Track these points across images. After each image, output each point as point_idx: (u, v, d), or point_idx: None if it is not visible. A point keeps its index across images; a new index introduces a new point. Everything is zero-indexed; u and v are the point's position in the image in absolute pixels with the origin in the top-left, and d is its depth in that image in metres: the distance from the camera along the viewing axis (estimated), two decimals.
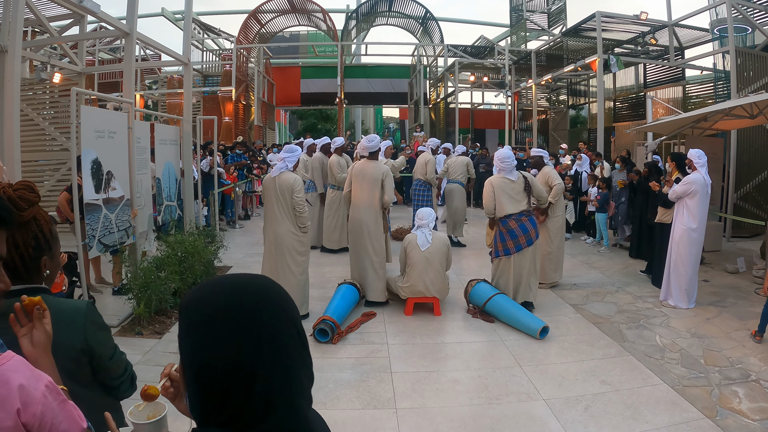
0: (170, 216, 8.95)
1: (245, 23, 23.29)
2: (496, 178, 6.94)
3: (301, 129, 38.67)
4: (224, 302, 1.02)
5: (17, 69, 6.24)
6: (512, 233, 6.76)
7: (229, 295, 1.03)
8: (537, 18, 23.11)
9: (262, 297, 1.04)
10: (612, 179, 10.91)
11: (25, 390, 1.22)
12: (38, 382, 1.27)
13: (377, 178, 7.01)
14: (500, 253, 6.87)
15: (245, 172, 14.61)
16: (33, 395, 1.23)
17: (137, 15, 7.69)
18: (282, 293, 1.09)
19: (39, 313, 1.58)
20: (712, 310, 6.95)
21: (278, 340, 1.02)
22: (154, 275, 6.32)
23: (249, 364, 0.98)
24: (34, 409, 1.23)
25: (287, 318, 1.05)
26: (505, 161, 6.92)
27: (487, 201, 6.92)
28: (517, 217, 6.79)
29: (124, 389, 2.09)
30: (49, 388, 1.30)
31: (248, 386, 0.98)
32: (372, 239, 7.05)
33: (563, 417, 4.29)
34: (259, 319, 1.01)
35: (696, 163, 6.99)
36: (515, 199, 6.82)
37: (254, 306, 1.02)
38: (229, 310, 1.01)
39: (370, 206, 7.05)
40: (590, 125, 19.58)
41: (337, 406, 4.48)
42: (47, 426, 1.26)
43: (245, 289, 1.05)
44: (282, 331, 1.03)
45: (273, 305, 1.04)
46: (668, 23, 14.44)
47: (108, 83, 18.15)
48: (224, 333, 1.00)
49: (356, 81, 26.76)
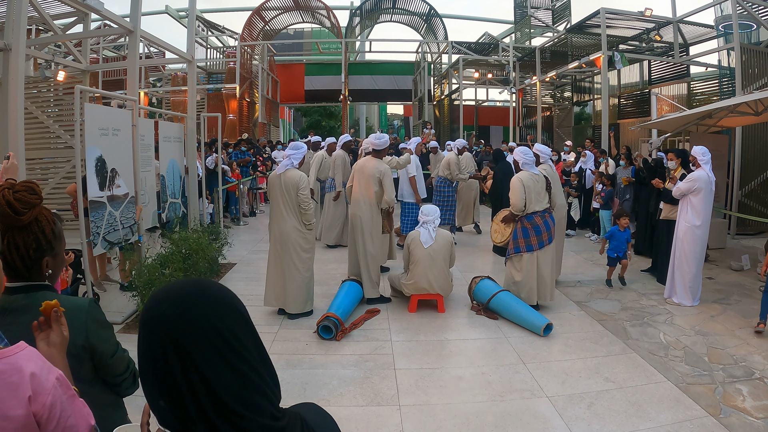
0: (174, 213, 8.98)
1: (249, 20, 23.30)
2: (525, 175, 6.76)
3: (305, 126, 38.67)
4: (145, 310, 1.05)
5: (21, 67, 6.25)
6: (537, 229, 6.68)
7: (149, 304, 1.05)
8: (541, 14, 23.08)
9: (175, 306, 1.02)
10: (616, 176, 10.88)
11: (37, 379, 1.24)
12: (50, 374, 1.29)
13: (374, 176, 7.04)
14: (521, 249, 6.74)
15: (249, 169, 14.64)
16: (44, 385, 1.25)
17: (141, 12, 7.70)
18: (213, 300, 1.05)
19: (56, 315, 1.61)
20: (717, 307, 6.94)
21: (189, 355, 0.99)
22: (159, 272, 6.34)
23: (164, 375, 0.99)
24: (44, 399, 1.24)
25: (208, 328, 1.01)
26: (526, 154, 6.85)
27: (519, 198, 6.68)
28: (542, 213, 6.75)
29: (126, 387, 2.10)
30: (59, 380, 1.31)
31: (175, 396, 0.99)
32: (365, 235, 7.09)
33: (567, 414, 4.29)
34: (162, 329, 1.00)
35: (700, 160, 6.97)
36: (540, 196, 6.77)
37: (161, 315, 1.01)
38: (144, 318, 1.03)
39: (365, 202, 7.11)
40: (594, 122, 19.51)
41: (340, 403, 4.49)
42: (55, 418, 1.27)
43: (165, 297, 1.04)
44: (193, 346, 0.99)
45: (191, 314, 1.01)
46: (673, 20, 14.40)
47: (112, 81, 18.20)
48: (140, 340, 1.03)
49: (360, 78, 26.78)
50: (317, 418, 1.15)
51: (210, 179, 11.34)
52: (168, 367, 0.98)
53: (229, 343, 1.02)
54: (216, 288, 1.07)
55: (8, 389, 1.19)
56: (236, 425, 0.99)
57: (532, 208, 6.71)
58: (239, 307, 1.08)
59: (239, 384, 1.01)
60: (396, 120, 45.37)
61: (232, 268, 8.79)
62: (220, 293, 1.06)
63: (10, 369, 1.20)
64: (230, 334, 1.02)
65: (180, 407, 0.98)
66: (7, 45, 6.37)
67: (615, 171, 11.08)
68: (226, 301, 1.06)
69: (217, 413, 0.98)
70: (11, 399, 1.19)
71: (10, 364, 1.21)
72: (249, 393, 1.02)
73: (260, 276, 6.82)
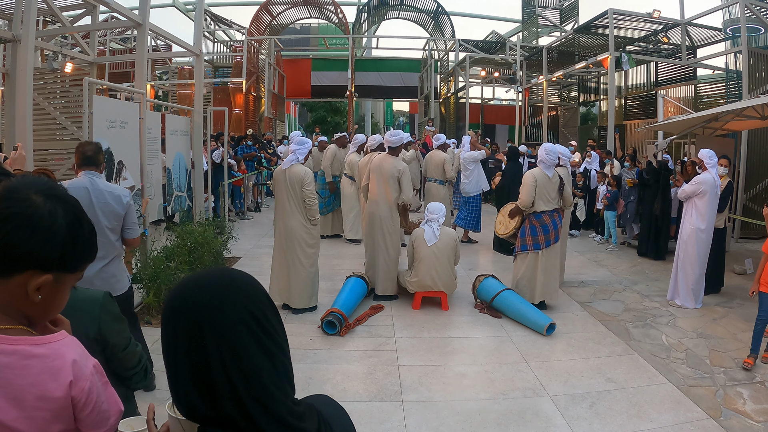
0: (180, 206, 9.01)
1: (257, 15, 23.27)
2: (539, 173, 6.73)
3: (311, 121, 38.64)
4: (177, 298, 1.06)
5: (30, 59, 6.28)
6: (545, 228, 6.67)
7: (182, 293, 1.07)
8: (549, 14, 23.03)
9: (210, 292, 1.05)
10: (622, 177, 10.88)
11: (78, 365, 1.28)
12: (88, 361, 1.34)
13: (393, 175, 7.04)
14: (528, 247, 6.76)
15: (255, 164, 14.66)
16: (83, 371, 1.29)
17: (149, 5, 7.72)
18: (245, 286, 1.09)
19: None
20: (719, 310, 6.95)
21: (227, 339, 1.02)
22: (164, 265, 6.37)
23: (199, 361, 1.02)
24: (83, 384, 1.28)
25: (244, 313, 1.05)
26: (550, 154, 6.78)
27: (528, 194, 6.66)
28: (551, 213, 6.75)
29: (137, 380, 2.13)
30: (96, 368, 1.36)
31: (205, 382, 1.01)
32: (385, 234, 7.10)
33: (568, 413, 4.31)
34: (200, 315, 1.03)
35: (707, 164, 6.97)
36: (550, 198, 6.76)
37: (198, 302, 1.04)
38: (177, 306, 1.05)
39: (384, 201, 7.11)
40: (601, 123, 19.46)
41: (344, 398, 4.51)
42: (92, 403, 1.31)
43: (197, 284, 1.07)
44: (230, 330, 1.02)
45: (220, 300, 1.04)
46: (681, 22, 14.35)
47: (118, 73, 18.22)
48: (170, 328, 1.05)
49: (367, 74, 26.72)
50: (330, 410, 1.17)
51: (215, 173, 11.36)
52: (204, 353, 1.01)
53: (263, 327, 1.06)
54: (245, 275, 1.11)
55: (50, 373, 1.23)
56: (267, 408, 1.02)
57: (540, 206, 6.71)
58: (267, 293, 1.12)
59: (272, 367, 1.05)
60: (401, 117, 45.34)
61: (237, 262, 8.83)
62: (250, 280, 1.11)
63: (53, 354, 1.25)
64: (264, 318, 1.07)
65: (212, 393, 1.01)
66: (16, 36, 6.40)
67: (620, 172, 11.08)
68: (257, 287, 1.10)
69: (250, 396, 1.01)
70: (52, 382, 1.23)
71: (54, 350, 1.25)
72: (279, 377, 1.06)
73: (264, 271, 6.84)
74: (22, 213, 1.18)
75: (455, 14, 27.75)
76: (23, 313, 1.25)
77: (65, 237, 1.22)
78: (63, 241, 1.22)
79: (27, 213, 1.18)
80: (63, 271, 1.25)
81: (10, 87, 7.31)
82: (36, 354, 1.23)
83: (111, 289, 3.50)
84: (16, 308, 1.23)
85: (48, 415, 1.24)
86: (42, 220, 1.19)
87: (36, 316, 1.28)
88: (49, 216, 1.20)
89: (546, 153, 6.80)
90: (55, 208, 1.22)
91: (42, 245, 1.19)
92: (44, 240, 1.19)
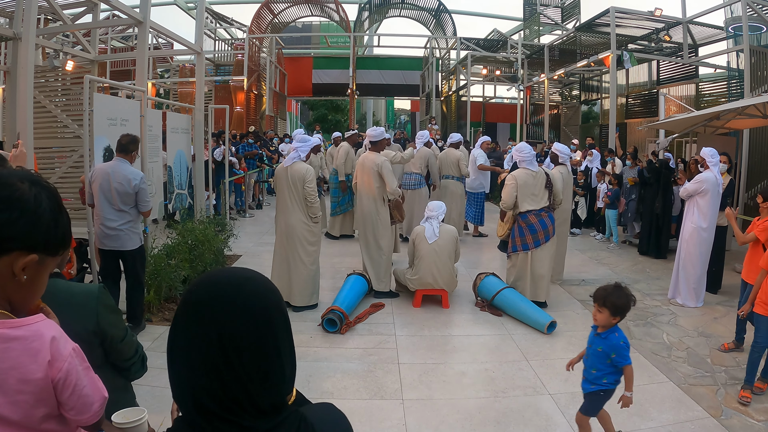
0: (181, 204, 9.01)
1: (258, 13, 23.28)
2: (521, 173, 6.78)
3: (312, 120, 38.66)
4: (193, 301, 1.06)
5: (31, 57, 6.27)
6: (532, 228, 6.69)
7: (199, 296, 1.06)
8: (550, 12, 22.97)
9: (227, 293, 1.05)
10: (623, 176, 10.87)
11: (56, 344, 1.30)
12: (67, 343, 1.35)
13: (373, 169, 7.10)
14: (518, 248, 6.80)
15: (256, 162, 14.66)
16: (62, 352, 1.31)
17: (150, 3, 7.72)
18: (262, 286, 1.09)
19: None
20: (720, 309, 6.94)
21: (246, 338, 1.02)
22: (165, 263, 6.37)
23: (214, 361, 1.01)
24: (60, 365, 1.30)
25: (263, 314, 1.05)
26: (522, 152, 6.87)
27: (508, 196, 6.75)
28: (537, 212, 6.75)
29: (135, 370, 2.17)
30: (75, 351, 1.37)
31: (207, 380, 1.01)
32: (372, 228, 7.17)
33: (569, 412, 4.30)
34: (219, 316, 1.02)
35: (709, 162, 6.95)
36: (536, 196, 6.76)
37: (215, 303, 1.03)
38: (195, 308, 1.05)
39: (369, 196, 7.18)
40: (602, 121, 19.46)
41: (344, 396, 4.52)
42: (71, 385, 1.32)
43: (212, 285, 1.07)
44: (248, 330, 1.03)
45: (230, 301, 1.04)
46: (682, 20, 14.34)
47: (119, 71, 18.21)
48: (187, 330, 1.04)
49: (368, 72, 26.73)
50: (324, 416, 1.15)
51: (217, 171, 11.36)
52: (224, 353, 1.00)
53: (285, 326, 1.09)
54: (259, 275, 1.11)
55: (29, 354, 1.25)
56: (278, 407, 1.05)
57: (524, 206, 6.73)
58: (279, 292, 1.13)
59: (291, 367, 1.09)
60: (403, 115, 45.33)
61: (238, 260, 8.82)
62: (265, 280, 1.11)
63: (32, 335, 1.26)
64: (281, 319, 1.09)
65: (228, 392, 1.01)
66: (17, 34, 6.40)
67: (621, 171, 11.07)
68: (273, 288, 1.11)
69: (267, 395, 1.03)
70: (31, 363, 1.24)
71: (32, 331, 1.27)
72: (292, 375, 1.09)
73: (265, 268, 6.82)
74: (10, 197, 1.23)
75: (456, 12, 27.76)
76: (6, 296, 1.28)
77: (49, 221, 1.29)
78: (47, 225, 1.28)
79: (14, 197, 1.24)
80: (46, 253, 1.30)
81: (11, 85, 7.32)
82: (15, 336, 1.24)
83: (128, 243, 5.44)
84: (0, 291, 1.26)
85: (31, 399, 1.25)
86: (28, 203, 1.25)
87: (18, 300, 1.31)
88: (34, 200, 1.26)
89: (518, 152, 6.94)
90: (39, 193, 1.28)
91: (30, 227, 1.25)
92: (31, 222, 1.25)
